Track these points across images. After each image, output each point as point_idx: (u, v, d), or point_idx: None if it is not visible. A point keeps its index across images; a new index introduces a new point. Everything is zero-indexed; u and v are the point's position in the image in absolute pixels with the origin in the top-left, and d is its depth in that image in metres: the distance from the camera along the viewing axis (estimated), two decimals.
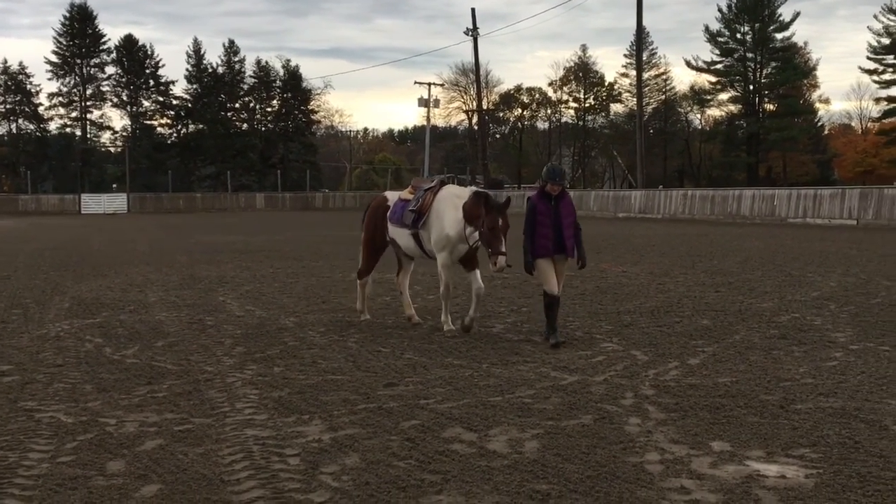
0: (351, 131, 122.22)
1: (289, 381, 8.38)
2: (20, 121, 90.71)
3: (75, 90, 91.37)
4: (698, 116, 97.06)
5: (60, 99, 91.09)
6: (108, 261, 22.41)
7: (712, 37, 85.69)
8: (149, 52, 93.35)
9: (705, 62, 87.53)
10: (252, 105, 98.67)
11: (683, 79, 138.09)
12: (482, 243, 10.34)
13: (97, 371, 8.92)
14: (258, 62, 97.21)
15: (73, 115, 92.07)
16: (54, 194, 78.28)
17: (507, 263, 10.06)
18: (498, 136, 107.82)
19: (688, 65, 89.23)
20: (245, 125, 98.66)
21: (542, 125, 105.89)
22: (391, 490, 5.39)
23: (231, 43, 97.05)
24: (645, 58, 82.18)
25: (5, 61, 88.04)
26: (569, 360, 9.24)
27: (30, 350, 10.11)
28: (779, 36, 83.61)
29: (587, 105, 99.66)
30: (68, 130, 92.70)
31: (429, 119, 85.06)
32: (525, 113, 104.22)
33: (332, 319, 12.19)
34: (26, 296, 15.15)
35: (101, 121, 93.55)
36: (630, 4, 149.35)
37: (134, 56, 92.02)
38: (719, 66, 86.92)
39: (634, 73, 74.67)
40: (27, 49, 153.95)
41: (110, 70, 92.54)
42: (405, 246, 11.56)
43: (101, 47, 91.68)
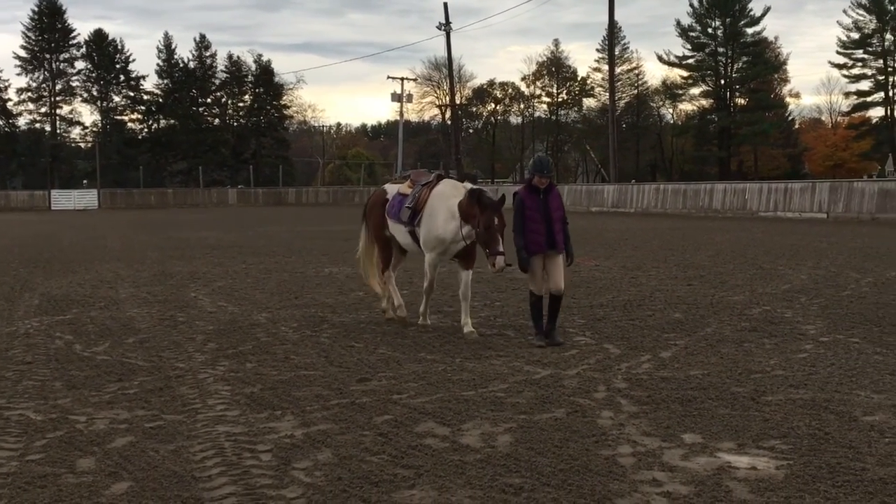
0: (324, 126, 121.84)
1: (261, 376, 8.35)
2: None
3: (44, 85, 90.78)
4: (670, 111, 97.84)
5: (29, 94, 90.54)
6: (78, 257, 22.22)
7: (684, 31, 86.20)
8: (119, 47, 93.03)
9: (677, 57, 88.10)
10: (224, 100, 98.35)
11: (655, 73, 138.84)
12: (479, 243, 10.06)
13: (67, 368, 8.84)
14: (230, 57, 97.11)
15: (43, 110, 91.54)
16: (24, 190, 77.50)
17: (507, 263, 9.78)
18: (471, 130, 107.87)
19: (660, 59, 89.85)
20: (217, 120, 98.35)
21: (515, 120, 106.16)
22: (364, 485, 5.38)
23: (202, 38, 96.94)
24: (617, 52, 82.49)
25: None
26: (542, 354, 9.26)
27: None
28: (749, 31, 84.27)
29: (560, 100, 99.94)
30: (38, 126, 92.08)
31: (402, 114, 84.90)
32: (498, 108, 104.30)
33: (305, 315, 12.14)
34: None
35: (70, 116, 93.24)
36: None
37: (104, 51, 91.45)
38: (691, 61, 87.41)
39: (607, 67, 74.84)
40: None
41: (80, 65, 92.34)
42: (404, 243, 11.29)
43: (70, 42, 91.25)
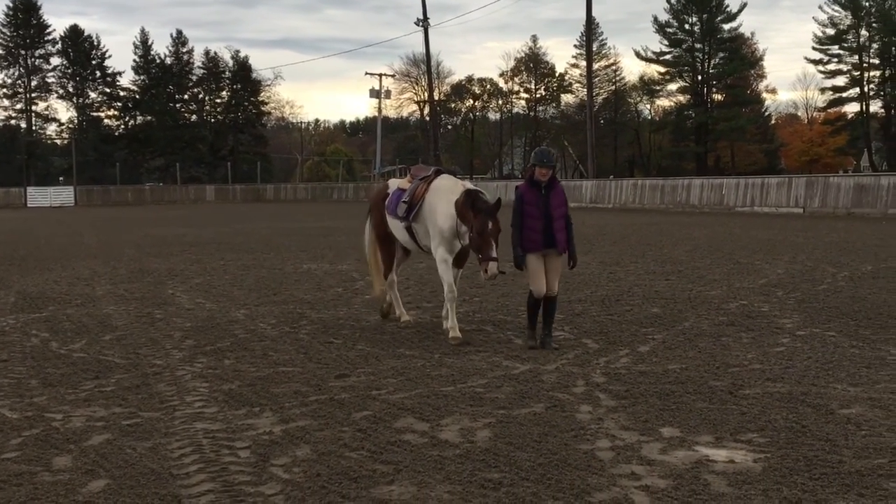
0: (302, 123, 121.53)
1: (239, 373, 8.31)
2: None
3: (20, 82, 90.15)
4: (648, 107, 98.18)
5: (5, 90, 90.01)
6: (54, 254, 22.06)
7: (661, 27, 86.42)
8: (95, 43, 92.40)
9: (654, 53, 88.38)
10: (201, 96, 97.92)
11: (633, 69, 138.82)
12: (472, 248, 9.60)
13: (43, 366, 8.78)
14: (207, 53, 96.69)
15: (18, 106, 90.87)
16: None
17: (500, 270, 9.35)
18: (450, 126, 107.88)
19: (637, 55, 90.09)
20: (194, 117, 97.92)
21: (493, 116, 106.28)
22: (343, 481, 5.37)
23: (179, 33, 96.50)
24: (595, 48, 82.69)
25: None
26: (520, 349, 9.26)
27: None
28: (726, 27, 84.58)
29: (538, 96, 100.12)
30: (13, 122, 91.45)
31: (380, 110, 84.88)
32: (476, 104, 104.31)
33: (284, 311, 12.10)
34: None
35: (46, 113, 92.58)
36: None
37: (80, 47, 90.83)
38: (668, 57, 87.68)
39: (585, 63, 75.07)
40: None
41: (56, 61, 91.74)
42: (402, 239, 10.88)
43: (45, 38, 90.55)
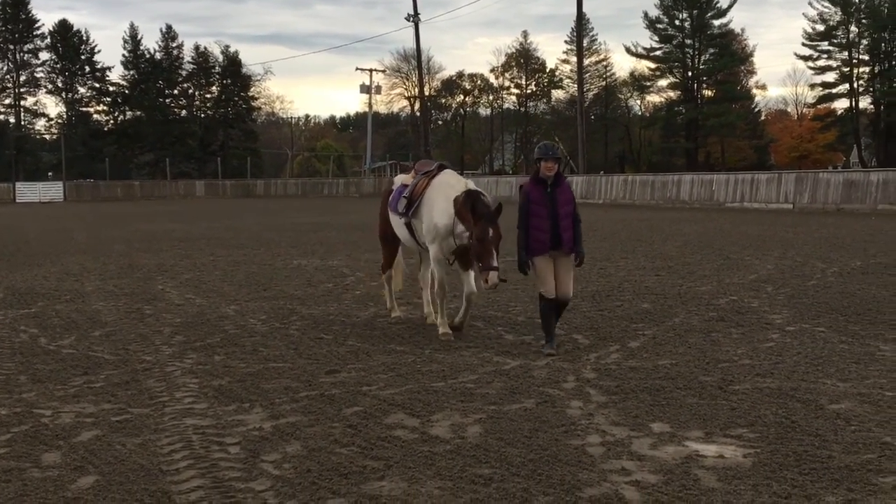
0: (292, 118, 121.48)
1: (229, 369, 8.30)
2: None
3: (8, 77, 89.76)
4: (638, 102, 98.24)
5: None
6: (43, 250, 21.99)
7: (651, 23, 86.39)
8: (84, 38, 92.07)
9: (645, 49, 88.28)
10: (191, 91, 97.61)
11: (623, 65, 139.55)
12: (471, 256, 9.21)
13: (32, 362, 8.75)
14: (196, 48, 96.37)
15: (7, 101, 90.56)
16: None
17: (501, 278, 8.97)
18: (440, 122, 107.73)
19: (628, 51, 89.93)
20: (184, 112, 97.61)
21: (484, 111, 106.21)
22: (333, 477, 5.36)
23: (168, 28, 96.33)
24: (585, 44, 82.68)
25: None
26: (511, 344, 9.27)
27: None
28: (716, 22, 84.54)
29: (529, 91, 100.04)
30: (2, 118, 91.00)
31: (370, 105, 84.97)
32: (467, 99, 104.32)
33: (274, 307, 12.08)
34: None
35: (35, 108, 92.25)
36: None
37: (69, 42, 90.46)
38: (658, 53, 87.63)
39: (575, 59, 75.08)
40: None
41: (44, 56, 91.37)
42: (402, 237, 10.48)
43: (34, 33, 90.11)
